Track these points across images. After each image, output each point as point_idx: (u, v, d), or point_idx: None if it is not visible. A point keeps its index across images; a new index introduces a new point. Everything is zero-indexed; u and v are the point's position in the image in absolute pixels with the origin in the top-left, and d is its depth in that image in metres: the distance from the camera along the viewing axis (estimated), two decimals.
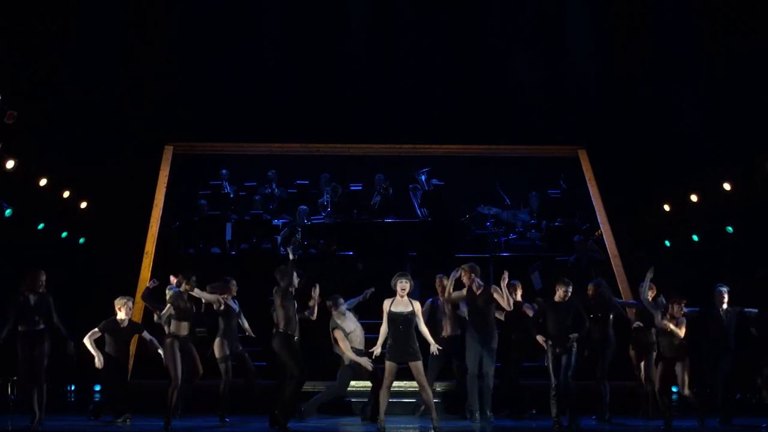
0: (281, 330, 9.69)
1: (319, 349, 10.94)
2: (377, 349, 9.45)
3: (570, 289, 10.12)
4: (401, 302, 9.39)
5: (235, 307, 10.61)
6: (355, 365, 10.50)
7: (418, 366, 9.30)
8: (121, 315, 10.23)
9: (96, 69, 15.14)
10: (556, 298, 10.14)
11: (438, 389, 11.43)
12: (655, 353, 10.44)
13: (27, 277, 9.65)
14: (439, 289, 10.92)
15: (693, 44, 15.38)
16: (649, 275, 10.31)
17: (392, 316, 9.34)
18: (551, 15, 16.76)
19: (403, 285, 9.38)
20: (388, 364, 9.33)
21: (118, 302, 10.26)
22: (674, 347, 9.98)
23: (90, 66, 15.11)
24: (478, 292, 10.19)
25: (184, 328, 9.95)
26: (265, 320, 10.68)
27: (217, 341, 10.50)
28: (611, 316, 10.74)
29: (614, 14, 16.06)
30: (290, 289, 9.78)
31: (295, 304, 9.85)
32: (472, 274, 10.22)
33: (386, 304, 9.42)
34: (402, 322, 9.32)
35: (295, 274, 9.74)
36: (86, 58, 15.07)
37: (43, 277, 9.67)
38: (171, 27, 15.96)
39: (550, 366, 10.05)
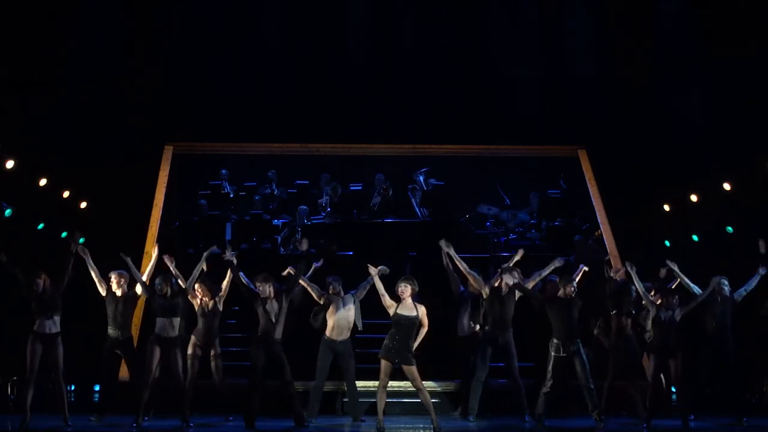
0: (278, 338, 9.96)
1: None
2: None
3: (575, 286, 10.16)
4: (407, 305, 9.46)
5: None
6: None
7: (411, 371, 9.40)
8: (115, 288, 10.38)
9: (96, 69, 15.15)
10: (560, 294, 10.17)
11: (438, 389, 11.44)
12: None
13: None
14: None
15: (693, 44, 15.39)
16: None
17: (397, 318, 9.45)
18: (551, 15, 16.76)
19: (402, 289, 9.48)
20: (382, 362, 9.41)
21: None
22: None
23: (90, 66, 15.12)
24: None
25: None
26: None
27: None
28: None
29: (614, 14, 16.06)
30: None
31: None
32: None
33: (394, 306, 9.52)
34: (404, 326, 9.41)
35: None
36: (86, 57, 15.09)
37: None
38: (171, 27, 15.98)
39: (551, 365, 10.07)
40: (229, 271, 10.42)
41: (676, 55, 15.66)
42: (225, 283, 10.59)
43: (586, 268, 10.65)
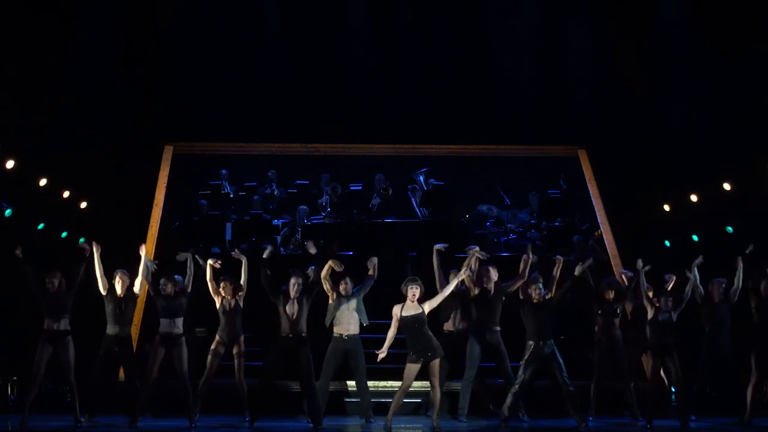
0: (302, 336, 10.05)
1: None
2: (383, 353, 9.51)
3: (541, 287, 10.16)
4: (411, 306, 9.50)
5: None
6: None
7: (435, 364, 9.43)
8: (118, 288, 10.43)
9: (96, 69, 15.15)
10: (531, 297, 10.17)
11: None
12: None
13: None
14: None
15: (693, 44, 15.40)
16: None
17: (404, 320, 9.47)
18: (552, 15, 16.76)
19: (414, 291, 9.50)
20: (411, 366, 9.42)
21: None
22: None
23: (90, 66, 15.12)
24: None
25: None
26: (264, 320, 10.70)
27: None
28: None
29: (615, 14, 16.06)
30: None
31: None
32: None
33: (396, 309, 9.55)
34: (415, 323, 9.43)
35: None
36: (86, 57, 15.09)
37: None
38: (171, 27, 15.99)
39: (522, 366, 10.07)
40: (243, 270, 10.48)
41: (677, 55, 15.66)
42: (243, 281, 10.58)
43: (561, 258, 10.62)
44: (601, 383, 10.81)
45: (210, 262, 10.58)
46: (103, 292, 10.40)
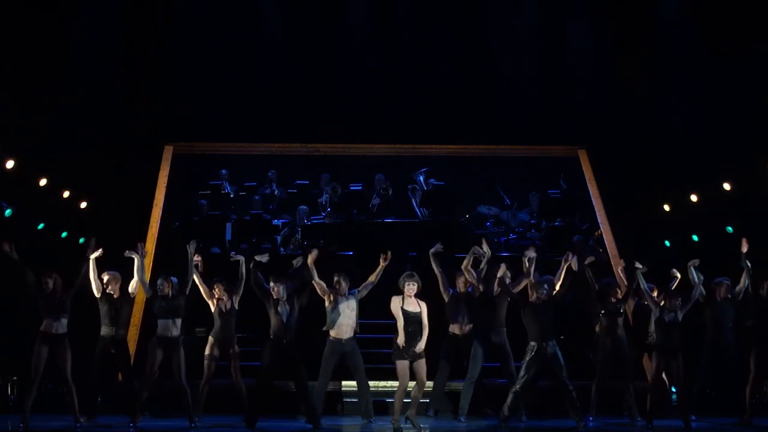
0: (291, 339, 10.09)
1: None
2: (401, 343, 9.49)
3: (546, 289, 10.13)
4: (411, 302, 9.51)
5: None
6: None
7: (422, 363, 9.44)
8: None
9: (96, 69, 15.16)
10: (533, 299, 10.14)
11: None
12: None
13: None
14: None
15: (693, 44, 15.40)
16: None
17: (406, 314, 9.46)
18: (552, 15, 16.77)
19: (411, 287, 9.52)
20: (401, 363, 9.40)
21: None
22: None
23: (90, 66, 15.13)
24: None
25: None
26: (259, 321, 10.70)
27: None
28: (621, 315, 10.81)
29: (615, 14, 16.07)
30: None
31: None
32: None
33: (396, 301, 9.52)
34: (414, 322, 9.44)
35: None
36: (86, 57, 15.10)
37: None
38: (171, 27, 16.00)
39: (524, 366, 10.05)
40: (241, 270, 10.45)
41: (677, 54, 15.67)
42: (242, 282, 10.57)
43: (572, 259, 10.59)
44: (603, 383, 10.79)
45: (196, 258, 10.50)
46: (96, 294, 10.38)
